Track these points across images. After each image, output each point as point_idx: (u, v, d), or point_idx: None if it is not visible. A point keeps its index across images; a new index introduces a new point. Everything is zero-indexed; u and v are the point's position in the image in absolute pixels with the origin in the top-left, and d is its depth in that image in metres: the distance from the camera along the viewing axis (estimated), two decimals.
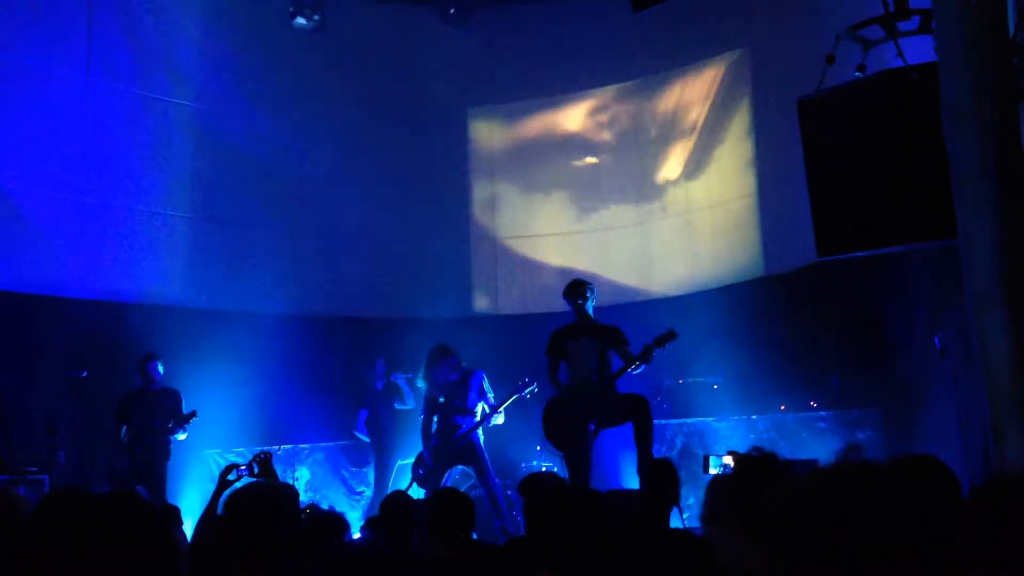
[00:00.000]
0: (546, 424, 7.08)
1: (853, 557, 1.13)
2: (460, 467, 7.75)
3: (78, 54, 9.12)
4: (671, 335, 6.83)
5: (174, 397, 8.04)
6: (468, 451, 7.48)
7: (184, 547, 4.25)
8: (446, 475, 7.61)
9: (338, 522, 5.00)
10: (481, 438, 7.58)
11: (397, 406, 9.17)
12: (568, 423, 6.92)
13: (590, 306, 7.20)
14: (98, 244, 9.02)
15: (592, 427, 6.86)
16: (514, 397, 7.65)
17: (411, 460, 8.91)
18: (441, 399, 7.65)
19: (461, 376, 7.67)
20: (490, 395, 7.69)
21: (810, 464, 5.47)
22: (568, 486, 5.07)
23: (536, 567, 2.73)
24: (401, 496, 4.66)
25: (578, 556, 2.69)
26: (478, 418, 7.58)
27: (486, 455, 7.53)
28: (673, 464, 5.01)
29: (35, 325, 8.14)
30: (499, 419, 7.62)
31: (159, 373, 8.03)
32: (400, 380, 9.23)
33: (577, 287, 7.26)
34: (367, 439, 9.22)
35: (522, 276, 11.18)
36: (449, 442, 7.51)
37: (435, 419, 7.69)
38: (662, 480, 4.62)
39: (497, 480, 7.48)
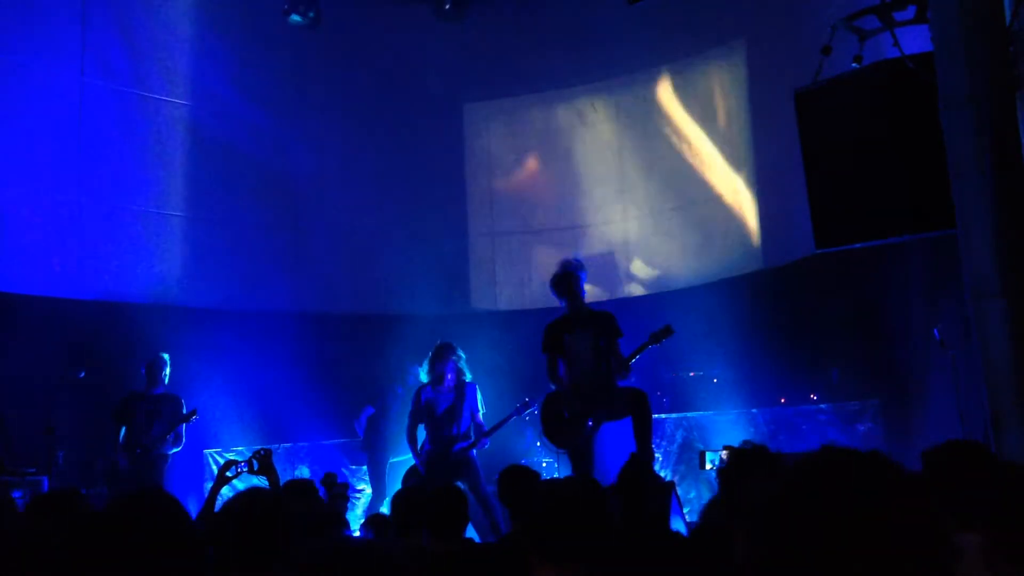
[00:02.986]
0: (544, 421, 7.02)
1: (824, 544, 1.13)
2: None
3: (72, 53, 9.09)
4: (667, 331, 6.78)
5: (175, 403, 7.95)
6: (464, 466, 7.34)
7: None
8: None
9: (336, 517, 4.99)
10: (474, 451, 7.53)
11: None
12: (564, 420, 6.87)
13: (582, 294, 7.06)
14: (94, 244, 9.00)
15: (590, 423, 6.81)
16: (509, 417, 7.61)
17: (401, 458, 8.86)
18: (434, 409, 7.52)
19: (456, 388, 7.55)
20: (480, 411, 7.56)
21: None
22: (564, 479, 5.05)
23: (536, 560, 2.72)
24: (414, 493, 4.62)
25: (579, 548, 2.67)
26: (472, 434, 7.50)
27: (480, 469, 7.45)
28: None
29: (31, 325, 8.11)
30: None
31: (165, 375, 7.96)
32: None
33: (564, 280, 7.03)
34: (360, 435, 9.17)
35: (520, 272, 11.16)
36: (445, 455, 7.42)
37: (422, 427, 7.57)
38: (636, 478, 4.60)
39: (490, 490, 7.35)
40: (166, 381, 7.97)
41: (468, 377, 7.64)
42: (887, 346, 7.87)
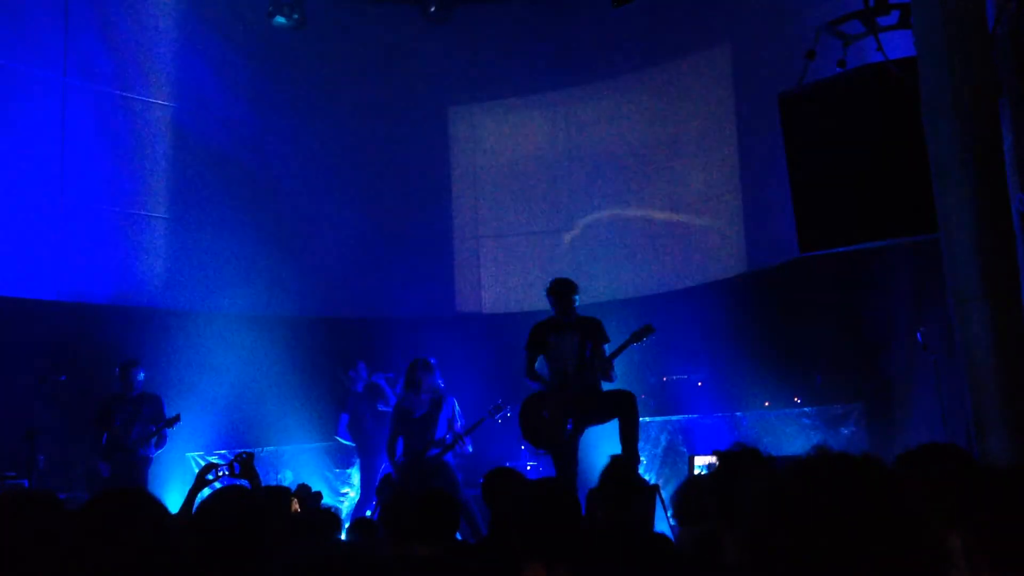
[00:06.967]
0: (523, 423, 6.98)
1: (818, 546, 1.13)
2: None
3: (55, 55, 9.03)
4: (648, 329, 6.79)
5: (155, 403, 7.89)
6: (439, 473, 7.30)
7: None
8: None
9: (332, 519, 4.97)
10: (451, 455, 7.51)
11: (380, 407, 9.09)
12: (544, 422, 6.84)
13: (575, 306, 7.11)
14: (75, 246, 8.94)
15: (570, 426, 6.77)
16: (482, 421, 7.61)
17: None
18: (410, 418, 7.50)
19: (432, 400, 7.56)
20: (459, 422, 7.58)
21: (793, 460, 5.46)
22: (536, 480, 5.05)
23: (523, 559, 2.72)
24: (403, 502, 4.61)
25: (564, 545, 2.68)
26: (448, 442, 7.50)
27: (458, 474, 7.44)
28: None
29: (11, 328, 8.05)
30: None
31: (140, 380, 7.91)
32: (381, 381, 9.15)
33: (565, 288, 7.07)
34: (351, 443, 9.14)
35: (505, 275, 11.16)
36: (418, 463, 7.39)
37: (400, 440, 7.58)
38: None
39: (468, 495, 7.33)
40: (141, 383, 7.91)
41: (442, 388, 7.66)
42: (871, 350, 7.89)
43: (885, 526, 1.13)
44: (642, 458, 7.30)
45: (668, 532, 5.65)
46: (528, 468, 8.55)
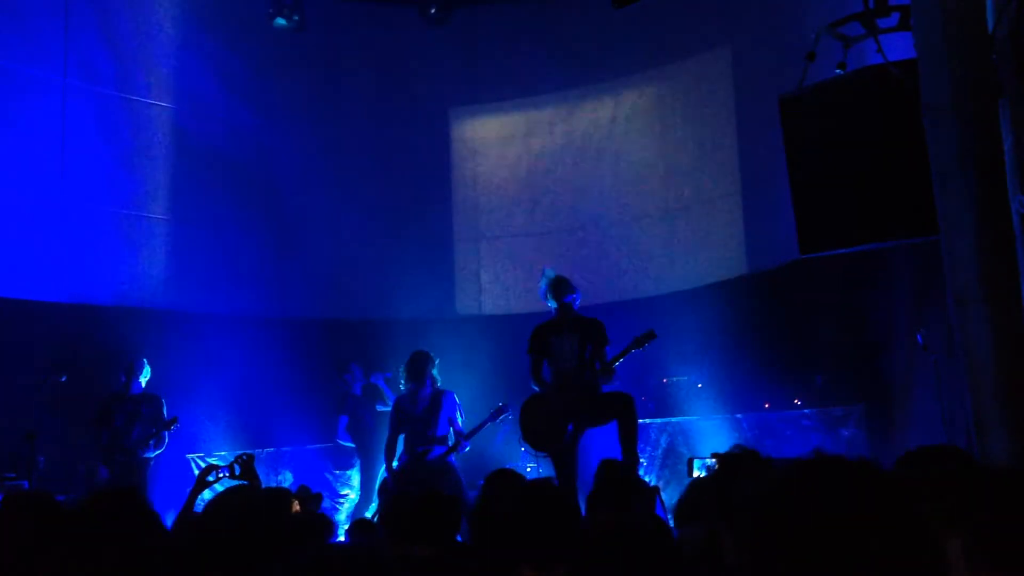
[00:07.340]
0: (523, 425, 6.98)
1: (816, 546, 1.14)
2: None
3: (55, 56, 9.04)
4: (650, 335, 6.80)
5: (156, 403, 7.90)
6: (442, 474, 7.29)
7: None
8: None
9: (325, 523, 4.97)
10: (454, 456, 7.51)
11: (379, 408, 9.09)
12: (545, 423, 6.84)
13: (576, 304, 7.13)
14: (76, 247, 8.94)
15: (571, 427, 6.77)
16: (484, 424, 7.61)
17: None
18: (410, 418, 7.51)
19: (432, 395, 7.55)
20: (460, 419, 7.59)
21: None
22: (531, 482, 5.05)
23: (521, 560, 2.72)
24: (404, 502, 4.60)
25: (562, 547, 2.67)
26: (449, 443, 7.48)
27: (461, 476, 7.43)
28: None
29: (11, 328, 8.05)
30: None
31: (143, 381, 7.91)
32: (379, 381, 9.15)
33: (561, 285, 7.11)
34: (351, 444, 9.13)
35: (505, 276, 11.15)
36: (420, 465, 7.38)
37: (400, 438, 7.57)
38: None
39: (472, 496, 7.33)
40: (143, 383, 7.91)
41: (439, 383, 7.66)
42: (871, 351, 7.89)
43: (884, 527, 1.14)
44: (642, 460, 7.30)
45: None
46: (528, 470, 8.53)
